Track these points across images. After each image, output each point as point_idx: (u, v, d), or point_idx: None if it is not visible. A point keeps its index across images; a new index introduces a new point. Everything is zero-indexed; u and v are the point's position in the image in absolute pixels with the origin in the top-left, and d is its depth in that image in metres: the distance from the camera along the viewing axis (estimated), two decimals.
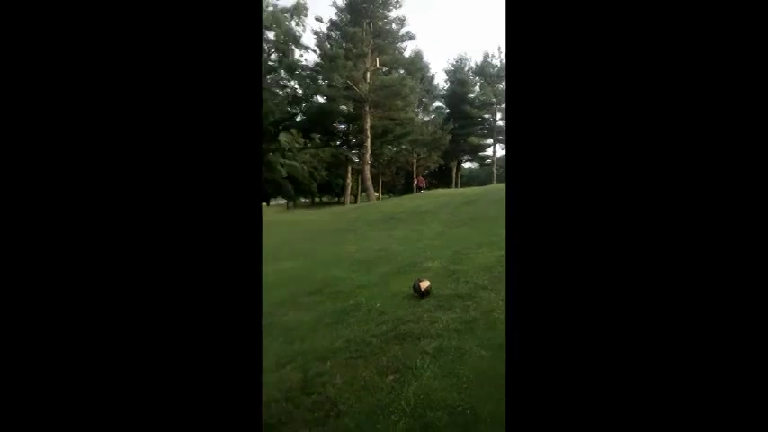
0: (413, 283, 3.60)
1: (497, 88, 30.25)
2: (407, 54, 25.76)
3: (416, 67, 26.09)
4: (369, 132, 21.80)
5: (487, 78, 30.67)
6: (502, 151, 31.38)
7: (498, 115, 31.16)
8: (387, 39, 22.91)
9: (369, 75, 21.80)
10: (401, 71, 24.20)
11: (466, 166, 36.60)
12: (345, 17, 22.41)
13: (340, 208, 17.85)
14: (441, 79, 44.41)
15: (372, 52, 21.87)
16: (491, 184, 23.76)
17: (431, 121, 28.07)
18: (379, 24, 22.51)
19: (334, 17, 22.79)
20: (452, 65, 32.07)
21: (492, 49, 37.45)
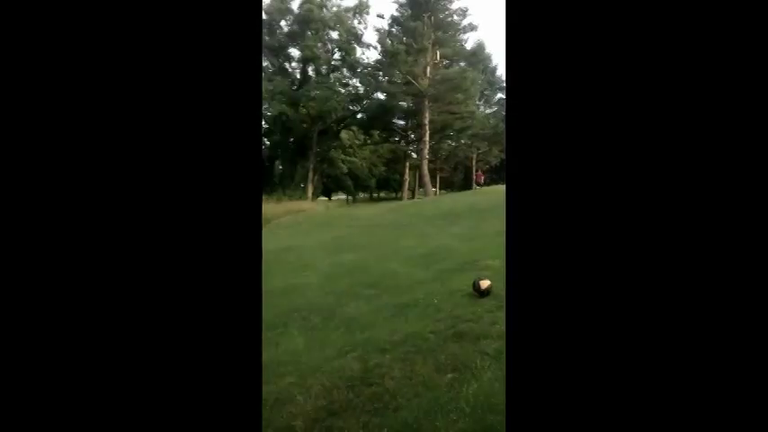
0: (472, 282, 3.52)
1: None
2: (469, 46, 25.13)
3: (478, 58, 25.31)
4: (427, 127, 21.62)
5: None
6: None
7: None
8: (448, 31, 22.46)
9: (429, 69, 21.56)
10: (462, 63, 23.61)
11: None
12: (406, 12, 22.34)
13: (397, 203, 17.98)
14: (504, 70, 42.42)
15: (433, 46, 21.56)
16: None
17: (492, 114, 27.08)
18: (441, 17, 22.11)
19: (395, 13, 22.90)
20: None
21: None
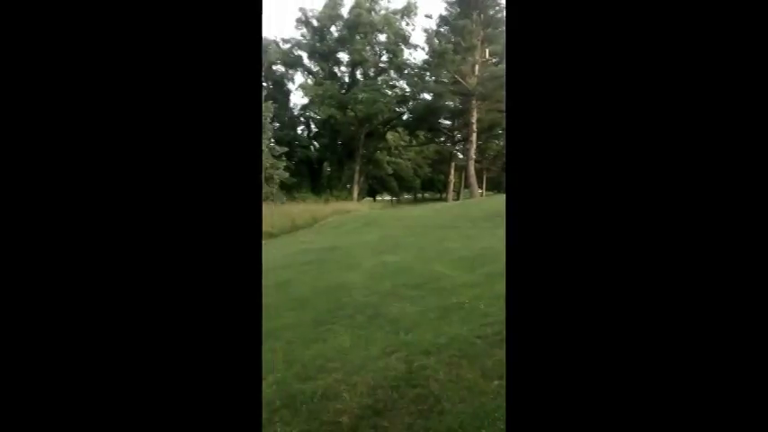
0: None
1: None
2: None
3: None
4: (475, 126, 21.15)
5: None
6: None
7: None
8: (498, 27, 21.79)
9: (477, 67, 21.08)
10: None
11: None
12: (455, 10, 22.04)
13: (442, 204, 17.73)
14: None
15: (482, 43, 21.07)
16: None
17: None
18: (490, 13, 21.54)
19: (444, 12, 22.67)
20: None
21: None
